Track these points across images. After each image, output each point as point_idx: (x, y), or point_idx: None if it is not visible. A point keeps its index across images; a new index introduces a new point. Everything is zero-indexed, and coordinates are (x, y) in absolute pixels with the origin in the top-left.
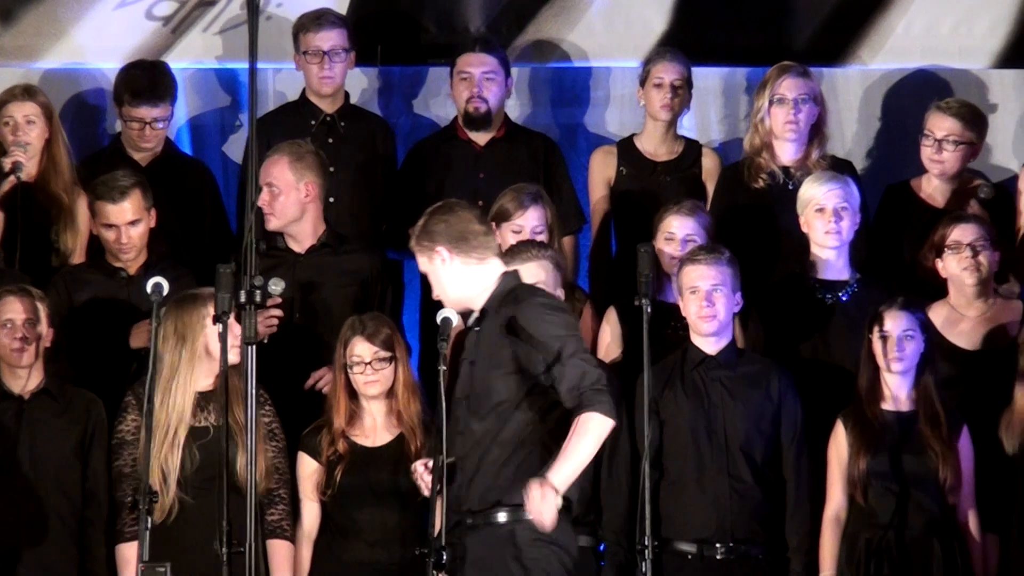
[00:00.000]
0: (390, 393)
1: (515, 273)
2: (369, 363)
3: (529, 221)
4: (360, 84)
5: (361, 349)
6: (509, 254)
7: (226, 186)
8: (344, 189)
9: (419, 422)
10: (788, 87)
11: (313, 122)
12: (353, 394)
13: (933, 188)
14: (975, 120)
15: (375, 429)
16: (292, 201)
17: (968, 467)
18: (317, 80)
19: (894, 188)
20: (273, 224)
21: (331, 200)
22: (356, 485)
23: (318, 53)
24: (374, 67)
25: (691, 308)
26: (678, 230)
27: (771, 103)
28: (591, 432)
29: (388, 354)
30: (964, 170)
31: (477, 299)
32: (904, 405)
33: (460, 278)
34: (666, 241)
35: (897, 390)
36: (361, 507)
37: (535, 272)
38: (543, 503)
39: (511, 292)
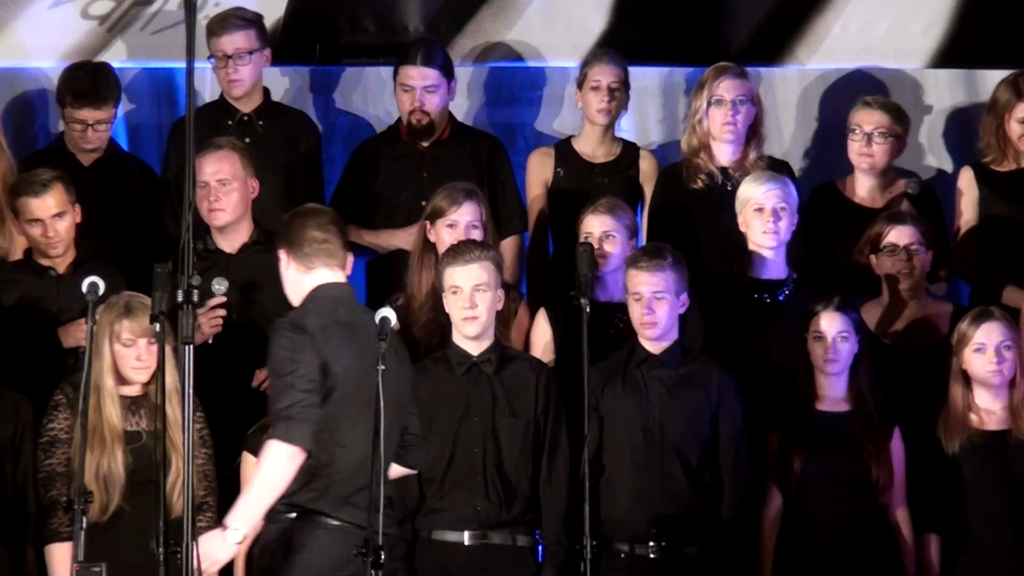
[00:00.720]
0: None
1: (328, 286)
2: None
3: (463, 216)
4: (298, 83)
5: None
6: (452, 255)
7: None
8: (263, 188)
9: None
10: (726, 88)
11: (230, 122)
12: None
13: (860, 187)
14: (901, 115)
15: None
16: (242, 197)
17: (900, 467)
18: (225, 84)
19: (821, 189)
20: (221, 220)
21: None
22: None
23: (223, 57)
24: (313, 66)
25: (634, 313)
26: (595, 228)
27: (709, 104)
28: (266, 461)
29: None
30: (890, 167)
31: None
32: (838, 405)
33: (290, 283)
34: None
35: (831, 390)
36: None
37: (477, 274)
38: (210, 543)
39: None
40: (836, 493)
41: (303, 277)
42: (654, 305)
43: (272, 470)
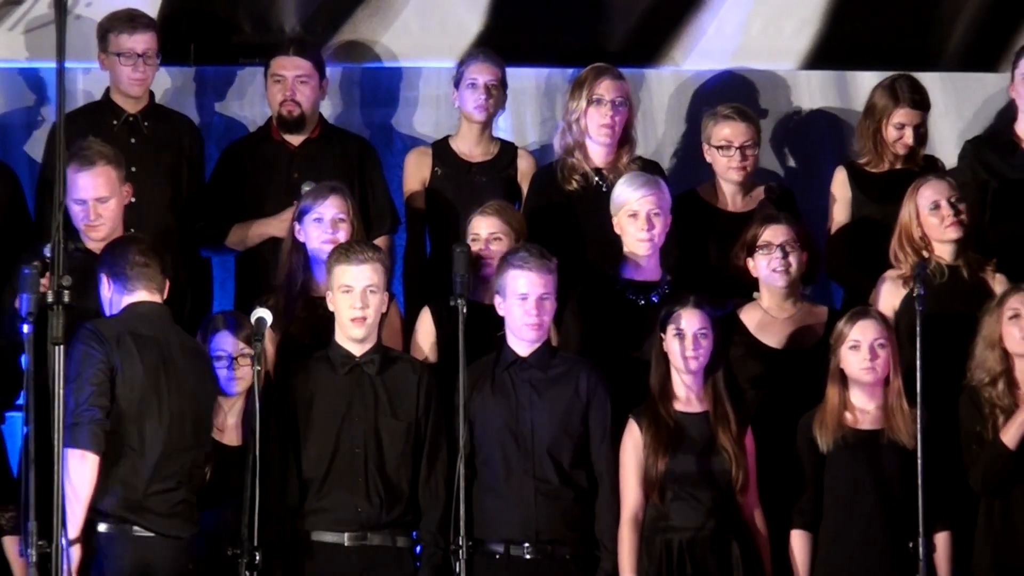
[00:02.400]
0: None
1: (140, 304)
2: (236, 358)
3: (329, 209)
4: (173, 83)
5: (225, 343)
6: (344, 254)
7: (32, 186)
8: (147, 189)
9: None
10: (606, 88)
11: (115, 122)
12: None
13: (722, 192)
14: (755, 119)
15: (235, 428)
16: (119, 206)
17: (753, 466)
18: (128, 81)
19: (683, 198)
20: (101, 233)
21: (132, 200)
22: (216, 484)
23: (132, 55)
24: (187, 66)
25: (516, 313)
26: (482, 230)
27: (588, 104)
28: (64, 468)
29: (251, 351)
30: None
31: None
32: (695, 405)
33: (110, 304)
34: (472, 242)
35: (689, 390)
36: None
37: (369, 275)
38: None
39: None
40: (697, 494)
41: (122, 298)
42: (543, 306)
43: (69, 476)
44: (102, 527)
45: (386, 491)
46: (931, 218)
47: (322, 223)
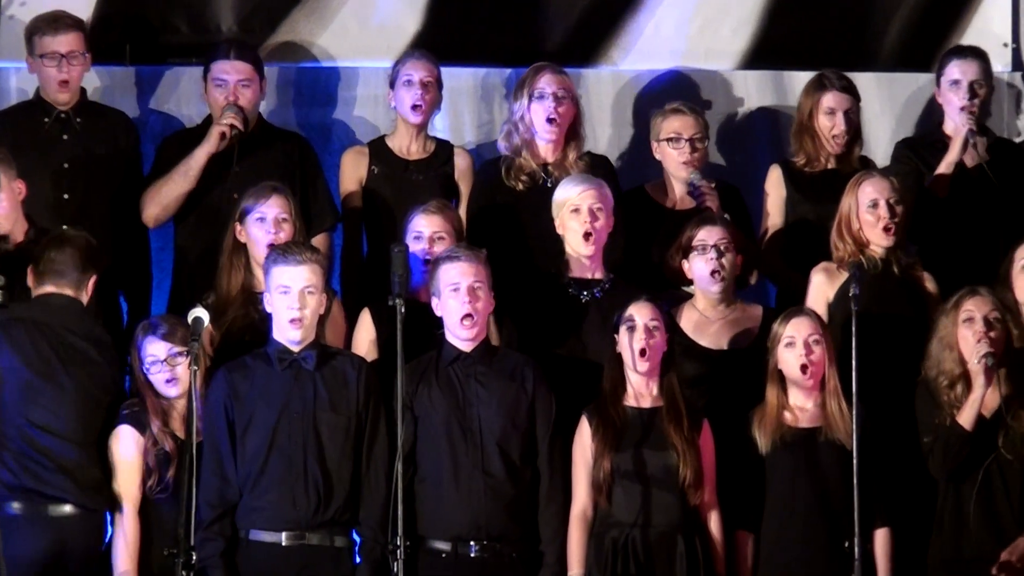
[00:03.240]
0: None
1: (50, 294)
2: (164, 360)
3: (271, 209)
4: (109, 83)
5: (155, 348)
6: (282, 254)
7: None
8: (81, 185)
9: None
10: (547, 82)
11: (47, 119)
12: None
13: (670, 190)
14: (703, 114)
15: (181, 425)
16: (11, 204)
17: (710, 465)
18: (55, 84)
19: (630, 194)
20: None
21: (66, 197)
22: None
23: (55, 56)
24: (123, 66)
25: (451, 306)
26: (426, 229)
27: (530, 100)
28: None
29: (184, 349)
30: None
31: None
32: (647, 402)
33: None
34: (415, 240)
35: (641, 387)
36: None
37: (307, 276)
38: None
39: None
40: (645, 491)
41: (36, 291)
42: (477, 294)
43: None
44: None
45: (325, 488)
46: (868, 215)
47: (265, 223)
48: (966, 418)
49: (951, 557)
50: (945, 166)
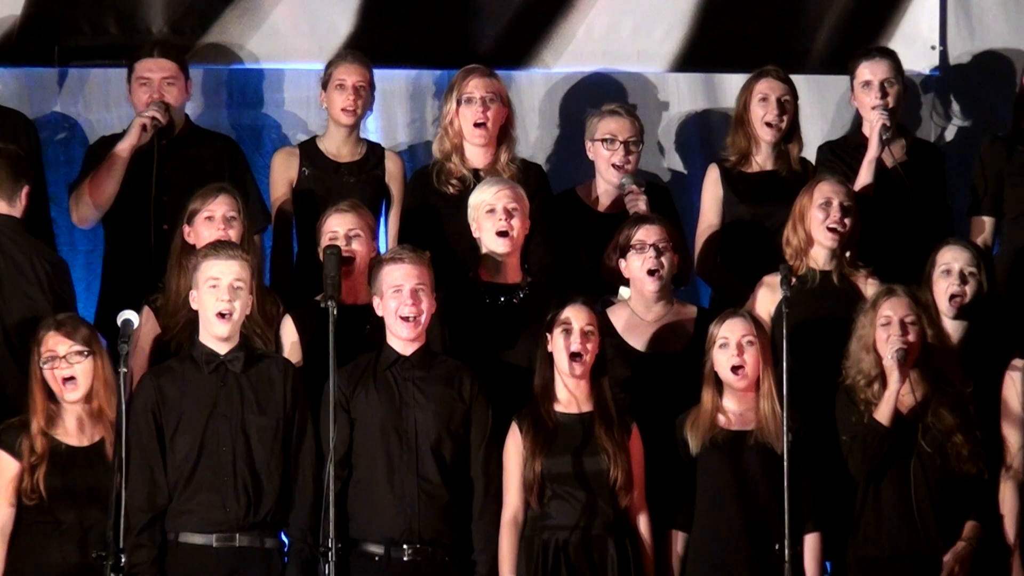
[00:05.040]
0: (89, 395)
1: None
2: (64, 357)
3: (219, 207)
4: (36, 85)
5: (56, 344)
6: (212, 250)
7: None
8: None
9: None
10: (475, 86)
11: None
12: (51, 394)
13: (601, 192)
14: (638, 117)
15: (77, 428)
16: None
17: (639, 467)
18: None
19: (561, 196)
20: None
21: None
22: (59, 486)
23: None
24: (51, 68)
25: (392, 306)
26: (341, 228)
27: (459, 103)
28: None
29: (85, 349)
30: None
31: None
32: (579, 406)
33: None
34: (331, 241)
35: (574, 390)
36: (65, 508)
37: (236, 270)
38: None
39: None
40: (577, 494)
41: None
42: (419, 296)
43: None
44: None
45: (254, 490)
46: (818, 213)
47: (213, 221)
48: (883, 414)
49: (871, 555)
50: (866, 165)
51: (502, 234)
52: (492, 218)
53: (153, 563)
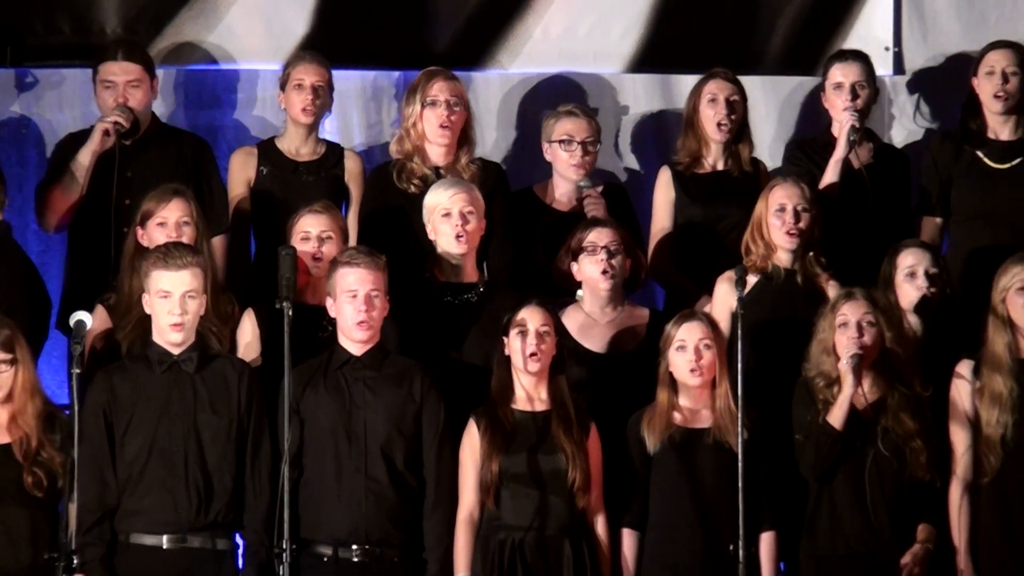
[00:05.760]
0: (9, 396)
1: None
2: None
3: (173, 213)
4: None
5: None
6: (162, 259)
7: None
8: None
9: (37, 423)
10: (440, 90)
11: None
12: None
13: (560, 193)
14: (595, 118)
15: (3, 428)
16: None
17: (597, 468)
18: None
19: (518, 196)
20: None
21: None
22: None
23: None
24: (4, 68)
25: (347, 312)
26: (314, 228)
27: (423, 107)
28: None
29: (8, 356)
30: None
31: None
32: (536, 406)
33: None
34: (303, 240)
35: (530, 390)
36: None
37: (188, 281)
38: None
39: None
40: (533, 494)
41: None
42: (371, 303)
43: None
44: None
45: (206, 490)
46: (774, 220)
47: (166, 227)
48: (835, 417)
49: (825, 555)
50: (832, 164)
51: (458, 237)
52: (448, 222)
53: (101, 561)
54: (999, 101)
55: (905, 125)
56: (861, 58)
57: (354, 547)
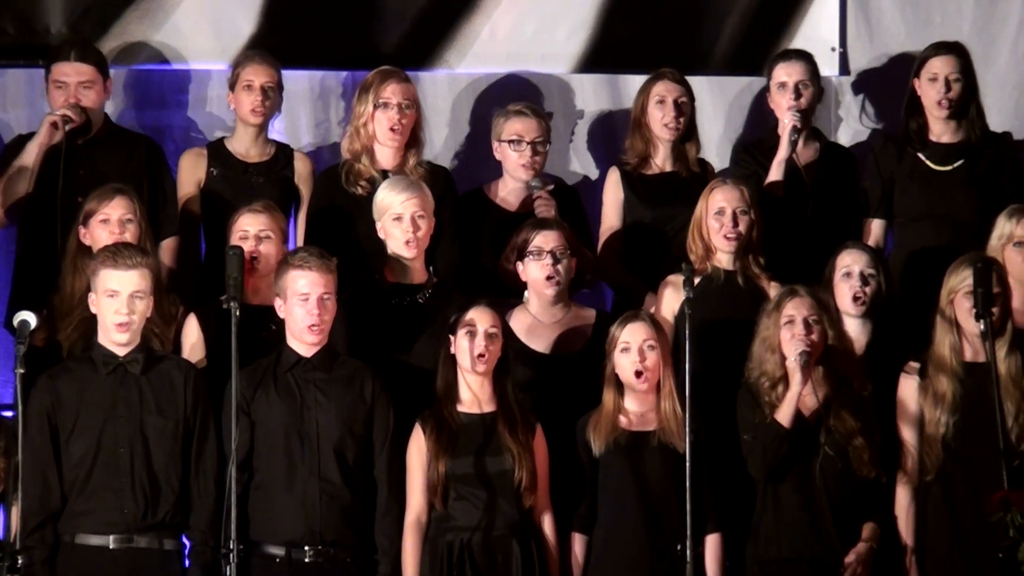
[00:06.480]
0: None
1: None
2: None
3: (115, 211)
4: None
5: None
6: (111, 258)
7: None
8: None
9: None
10: (392, 92)
11: None
12: None
13: (510, 193)
14: (546, 117)
15: None
16: None
17: (543, 468)
18: None
19: (468, 196)
20: None
21: None
22: None
23: None
24: None
25: (298, 314)
26: (252, 227)
27: (375, 108)
28: None
29: None
30: None
31: None
32: (483, 406)
33: None
34: (241, 240)
35: (477, 391)
36: None
37: (136, 281)
38: None
39: None
40: (480, 495)
41: None
42: (325, 305)
43: None
44: None
45: (152, 491)
46: (713, 222)
47: (108, 224)
48: (784, 415)
49: (771, 558)
50: (775, 165)
51: (408, 242)
52: (399, 226)
53: (44, 564)
54: (942, 108)
55: (851, 125)
56: (804, 57)
57: (307, 548)
